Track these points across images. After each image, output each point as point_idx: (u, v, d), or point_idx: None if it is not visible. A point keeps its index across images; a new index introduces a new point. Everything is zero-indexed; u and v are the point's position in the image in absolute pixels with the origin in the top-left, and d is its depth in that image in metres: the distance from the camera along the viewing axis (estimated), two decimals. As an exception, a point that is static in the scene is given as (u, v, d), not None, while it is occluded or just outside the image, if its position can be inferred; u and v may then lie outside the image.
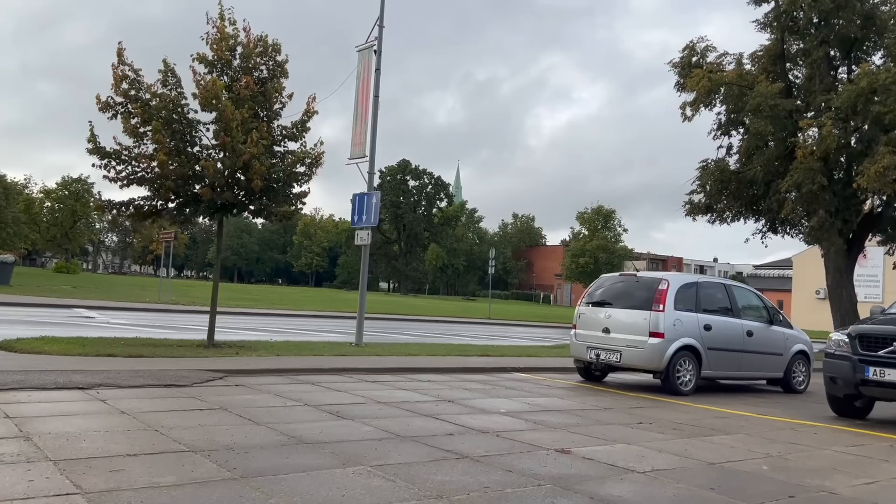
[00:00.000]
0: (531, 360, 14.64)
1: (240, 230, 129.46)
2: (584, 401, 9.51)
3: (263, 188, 13.47)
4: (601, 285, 12.09)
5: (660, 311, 10.78)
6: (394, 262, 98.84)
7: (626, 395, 10.50)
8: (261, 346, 13.97)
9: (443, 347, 16.47)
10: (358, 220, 17.00)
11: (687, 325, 10.99)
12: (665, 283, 11.03)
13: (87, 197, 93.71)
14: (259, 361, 11.00)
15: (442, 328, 30.23)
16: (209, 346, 13.45)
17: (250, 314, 29.55)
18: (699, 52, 28.64)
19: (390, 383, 9.88)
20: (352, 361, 11.84)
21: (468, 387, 10.11)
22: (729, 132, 29.62)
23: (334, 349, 14.29)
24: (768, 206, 27.06)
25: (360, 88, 17.59)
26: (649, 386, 11.85)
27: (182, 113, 13.22)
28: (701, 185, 28.41)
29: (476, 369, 12.36)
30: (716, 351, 11.28)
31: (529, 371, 12.84)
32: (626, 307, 11.27)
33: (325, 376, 10.20)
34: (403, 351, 14.74)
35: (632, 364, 11.04)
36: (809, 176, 23.63)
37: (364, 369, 11.06)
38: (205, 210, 13.49)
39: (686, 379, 10.97)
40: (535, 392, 10.08)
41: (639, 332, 10.88)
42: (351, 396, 8.41)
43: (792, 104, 25.39)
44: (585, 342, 11.62)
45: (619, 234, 69.52)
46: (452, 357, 14.17)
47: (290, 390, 8.60)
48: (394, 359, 12.99)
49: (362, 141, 17.25)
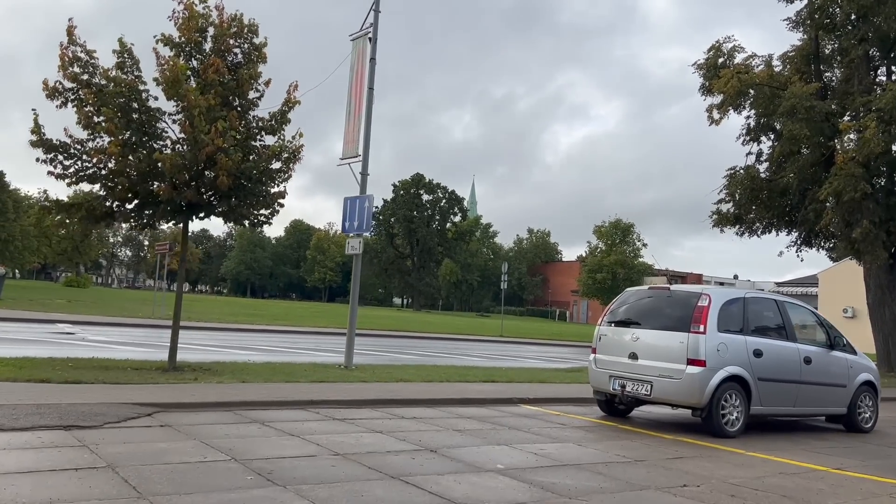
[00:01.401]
0: (542, 387, 12.60)
1: (253, 245, 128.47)
2: (607, 448, 7.47)
3: (233, 187, 11.67)
4: (626, 301, 10.07)
5: (700, 333, 8.75)
6: (407, 278, 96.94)
7: (660, 438, 8.44)
8: (230, 369, 12.10)
9: (442, 371, 14.47)
10: (349, 227, 15.12)
11: (733, 350, 8.94)
12: (705, 298, 9.00)
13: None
14: (210, 391, 9.07)
15: (450, 346, 28.25)
16: (169, 370, 11.61)
17: (245, 330, 27.70)
18: (725, 52, 26.70)
19: (364, 422, 7.91)
20: (326, 391, 9.89)
21: (462, 426, 8.12)
22: (758, 138, 27.58)
23: (315, 373, 12.36)
24: (804, 217, 24.91)
25: (353, 81, 15.78)
26: (686, 423, 9.79)
27: (142, 101, 11.45)
28: (729, 193, 26.37)
29: (475, 401, 10.35)
30: (768, 382, 9.21)
31: (540, 403, 10.80)
32: (657, 328, 9.24)
33: (284, 412, 8.25)
34: (395, 376, 12.76)
35: (665, 398, 8.99)
36: (851, 183, 21.51)
37: (337, 402, 9.10)
38: (166, 212, 11.67)
39: (732, 417, 8.90)
40: (546, 434, 8.06)
41: (674, 358, 8.85)
42: (302, 444, 6.45)
43: (829, 106, 23.30)
44: (608, 370, 9.60)
45: (639, 248, 67.12)
46: (451, 384, 12.17)
47: (225, 434, 6.66)
48: (380, 386, 11.02)
49: (355, 139, 15.41)
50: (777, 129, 26.43)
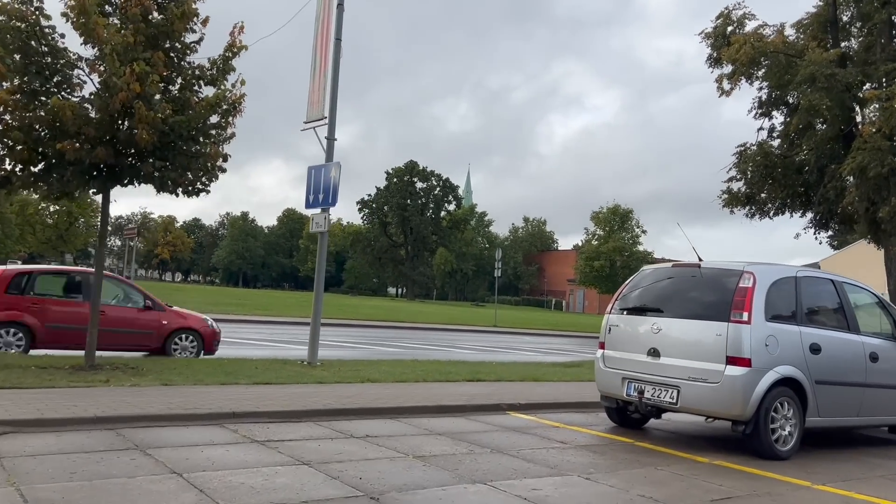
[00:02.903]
0: (537, 388, 10.51)
1: (245, 234, 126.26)
2: (627, 483, 5.37)
3: (160, 146, 9.55)
4: (640, 283, 7.95)
5: (742, 323, 6.65)
6: (400, 267, 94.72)
7: (693, 463, 6.35)
8: (160, 367, 10.03)
9: (422, 368, 12.38)
10: (313, 201, 12.99)
11: (785, 345, 6.85)
12: (749, 276, 6.89)
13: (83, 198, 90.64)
14: (103, 400, 6.95)
15: (441, 337, 26.19)
16: (85, 369, 9.53)
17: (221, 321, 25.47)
18: (735, 20, 24.51)
19: (292, 446, 5.81)
20: (263, 398, 7.77)
21: (428, 449, 6.02)
22: (770, 113, 25.51)
23: (266, 372, 10.26)
24: (823, 196, 22.80)
25: (318, 31, 13.58)
26: (721, 437, 7.72)
27: (44, 37, 9.31)
28: (741, 171, 24.28)
29: (453, 409, 8.24)
30: (827, 386, 7.12)
31: (533, 410, 8.70)
32: (685, 316, 7.14)
33: (188, 430, 6.14)
34: (363, 374, 10.66)
35: (697, 408, 6.90)
36: (877, 157, 19.38)
37: (269, 414, 6.99)
38: (77, 176, 9.52)
39: (785, 433, 6.81)
40: (541, 460, 5.96)
41: (708, 356, 6.76)
42: (178, 489, 4.34)
43: (851, 75, 21.15)
44: (620, 370, 7.49)
45: (638, 235, 64.90)
46: (427, 385, 10.07)
47: (69, 472, 4.55)
48: (337, 390, 8.91)
49: (320, 98, 13.22)
50: (790, 103, 24.41)
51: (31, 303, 11.61)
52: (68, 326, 11.61)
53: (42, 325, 11.59)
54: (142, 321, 12.36)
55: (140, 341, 12.41)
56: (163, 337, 12.54)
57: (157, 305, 12.69)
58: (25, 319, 11.48)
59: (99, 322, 10.17)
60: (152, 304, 12.60)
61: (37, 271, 12.82)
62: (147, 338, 12.43)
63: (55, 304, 11.91)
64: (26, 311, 11.53)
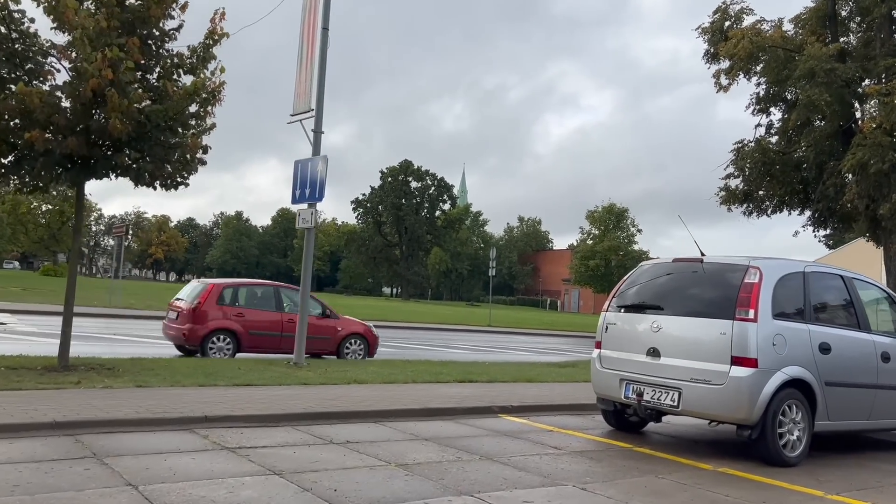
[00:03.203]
0: (530, 389, 10.09)
1: (239, 233, 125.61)
2: (626, 495, 4.95)
3: (136, 136, 9.11)
4: (639, 279, 7.53)
5: (748, 321, 6.24)
6: (395, 267, 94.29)
7: (696, 470, 5.93)
8: (138, 368, 9.64)
9: (412, 368, 11.95)
10: (300, 196, 12.56)
11: (793, 344, 6.45)
12: (755, 272, 6.48)
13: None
14: (68, 403, 6.50)
15: (435, 337, 25.79)
16: (58, 370, 9.09)
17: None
18: (733, 15, 24.22)
19: (265, 453, 5.38)
20: (240, 401, 7.34)
21: (412, 457, 5.60)
22: (768, 109, 25.18)
23: (249, 373, 9.84)
24: (822, 193, 22.45)
25: (305, 20, 13.15)
26: (725, 441, 7.32)
27: (14, 24, 8.88)
28: (738, 168, 23.92)
29: (442, 412, 7.81)
30: (837, 388, 6.72)
31: (526, 413, 8.27)
32: (686, 313, 6.73)
33: (156, 436, 5.71)
34: (350, 375, 10.23)
35: (700, 411, 6.49)
36: (878, 153, 19.04)
37: (246, 418, 6.56)
38: (47, 167, 9.06)
39: (793, 438, 6.41)
40: (533, 468, 5.54)
41: (712, 355, 6.35)
42: (130, 504, 3.92)
43: (851, 70, 20.81)
44: (618, 371, 7.08)
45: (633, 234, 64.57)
46: (416, 386, 9.65)
47: (11, 485, 4.12)
48: (321, 392, 8.49)
49: (307, 90, 12.79)
50: (788, 100, 24.09)
51: (237, 313, 13.18)
52: (265, 333, 13.26)
53: (246, 331, 13.06)
54: (322, 328, 13.72)
55: (320, 346, 13.77)
56: (337, 341, 14.06)
57: (333, 314, 14.33)
58: (233, 327, 12.98)
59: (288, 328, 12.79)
60: (329, 312, 14.24)
61: (239, 284, 14.62)
62: (325, 342, 13.88)
63: (254, 313, 13.41)
64: (233, 320, 13.06)
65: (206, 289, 13.21)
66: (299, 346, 11.89)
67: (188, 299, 13.19)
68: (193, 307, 12.84)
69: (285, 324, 13.25)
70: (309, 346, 12.62)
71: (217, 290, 13.21)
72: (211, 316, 12.84)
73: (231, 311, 13.15)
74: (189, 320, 12.74)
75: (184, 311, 12.95)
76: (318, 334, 13.48)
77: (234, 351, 12.93)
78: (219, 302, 13.05)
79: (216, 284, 13.54)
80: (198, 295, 13.10)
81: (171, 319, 13.48)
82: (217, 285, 13.47)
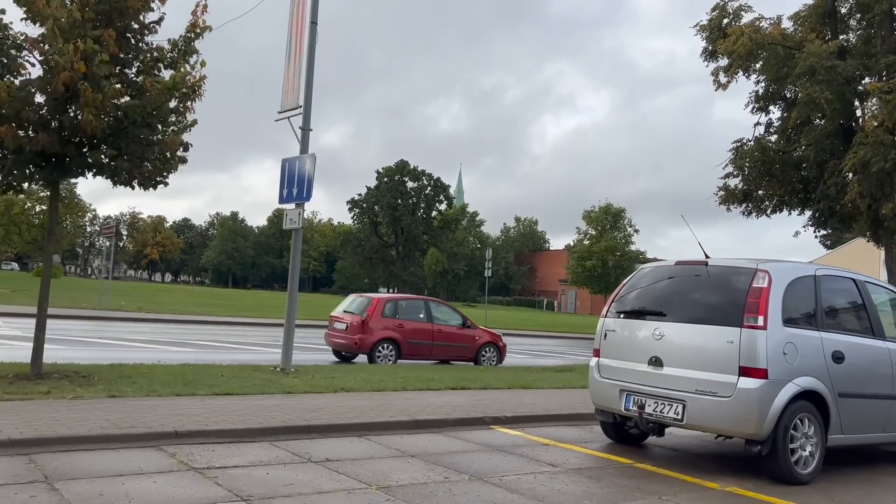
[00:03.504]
0: (526, 396, 9.66)
1: (234, 234, 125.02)
2: (626, 519, 4.54)
3: (112, 133, 8.68)
4: (639, 283, 7.10)
5: (757, 328, 5.83)
6: (391, 267, 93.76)
7: (704, 490, 5.51)
8: (116, 375, 9.25)
9: (403, 374, 11.51)
10: (287, 196, 12.11)
11: (805, 352, 6.04)
12: (763, 275, 6.07)
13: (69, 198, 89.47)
14: (28, 418, 6.06)
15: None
16: (31, 377, 8.67)
17: (201, 323, 24.61)
18: (731, 12, 23.86)
19: (234, 474, 4.94)
20: (214, 413, 6.90)
21: (396, 477, 5.17)
22: (767, 108, 24.83)
23: (232, 380, 9.41)
24: (823, 192, 22.08)
25: (294, 15, 12.71)
26: (731, 456, 6.91)
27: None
28: (737, 167, 23.55)
29: (431, 423, 7.38)
30: (851, 399, 6.31)
31: (521, 424, 7.85)
32: (691, 320, 6.31)
33: (114, 455, 5.26)
34: (338, 383, 9.79)
35: (706, 425, 6.07)
36: (880, 151, 18.70)
37: (219, 433, 6.12)
38: (17, 165, 8.62)
39: (805, 453, 6.00)
40: (527, 490, 5.11)
41: (718, 365, 5.94)
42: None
43: (852, 67, 20.45)
44: (617, 381, 6.66)
45: (630, 234, 64.18)
46: (406, 394, 9.22)
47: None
48: (305, 401, 8.05)
49: (295, 86, 12.36)
50: (787, 98, 23.75)
51: (397, 324, 14.76)
52: (420, 342, 14.93)
53: (405, 340, 14.67)
54: (463, 337, 15.52)
55: (462, 353, 15.41)
56: (476, 349, 15.55)
57: (472, 325, 15.94)
58: (395, 336, 14.61)
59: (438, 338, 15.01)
60: (469, 323, 15.87)
61: (397, 299, 16.72)
62: (466, 350, 15.44)
63: (410, 324, 14.99)
64: (395, 331, 14.66)
65: (371, 303, 14.89)
66: (285, 350, 11.46)
67: (356, 312, 14.88)
68: (363, 319, 14.48)
69: (435, 333, 15.15)
70: (452, 354, 15.23)
71: (381, 303, 14.88)
72: (378, 327, 14.47)
73: (392, 322, 14.72)
74: (360, 331, 14.39)
75: (354, 323, 14.58)
76: (461, 342, 15.37)
77: (396, 358, 14.52)
78: (383, 315, 14.66)
79: (380, 299, 15.22)
80: (365, 308, 14.78)
81: (338, 330, 15.01)
82: (381, 300, 15.19)
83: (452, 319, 15.76)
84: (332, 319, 15.53)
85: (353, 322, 14.57)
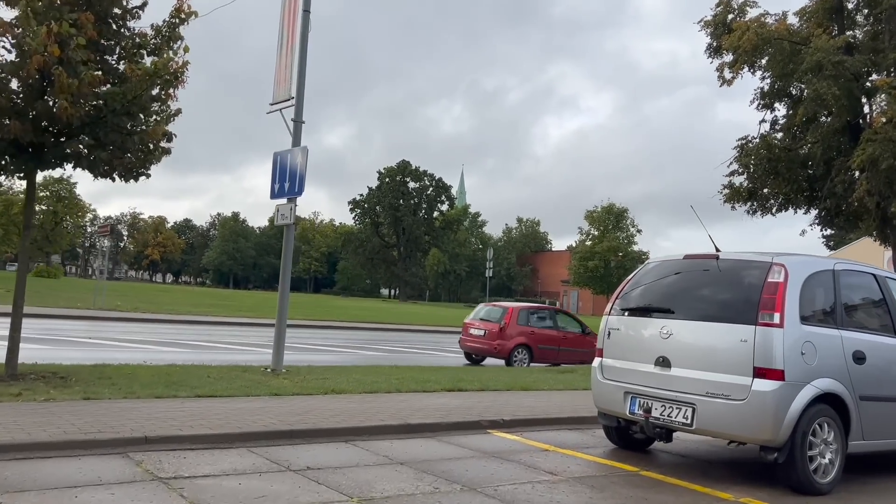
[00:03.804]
0: (525, 398, 9.23)
1: (235, 234, 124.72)
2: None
3: (90, 121, 8.27)
4: (644, 278, 6.67)
5: (773, 326, 5.40)
6: (393, 268, 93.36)
7: (715, 500, 5.07)
8: (97, 375, 8.84)
9: (398, 375, 11.09)
10: (279, 190, 11.71)
11: (824, 353, 5.60)
12: (779, 269, 5.63)
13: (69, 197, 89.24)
14: None
15: (429, 340, 24.96)
16: (5, 378, 8.28)
17: (195, 323, 24.22)
18: (736, 7, 23.35)
19: (203, 484, 4.51)
20: (191, 416, 6.47)
21: (381, 487, 4.74)
22: (773, 105, 24.36)
23: (218, 381, 8.98)
24: (831, 190, 21.61)
25: (286, 4, 12.31)
26: (743, 462, 6.47)
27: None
28: (742, 164, 23.08)
29: (423, 428, 6.96)
30: (873, 402, 5.88)
31: (519, 428, 7.42)
32: (701, 317, 5.87)
33: (74, 463, 4.83)
34: (329, 384, 9.37)
35: (718, 430, 5.63)
36: (889, 148, 18.22)
37: (193, 438, 5.69)
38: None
39: (825, 461, 5.56)
40: (523, 502, 4.68)
41: (730, 366, 5.50)
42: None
43: (860, 62, 19.99)
44: (622, 382, 6.23)
45: (633, 234, 63.69)
46: (400, 396, 8.79)
47: None
48: (292, 404, 7.63)
49: (287, 77, 11.95)
50: (793, 95, 23.27)
51: (530, 331, 16.15)
52: (549, 347, 16.32)
53: (536, 346, 16.04)
54: (584, 342, 16.47)
55: (582, 357, 16.02)
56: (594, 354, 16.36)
57: (592, 332, 16.43)
58: (529, 342, 15.96)
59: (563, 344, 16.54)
60: (588, 331, 16.74)
61: (529, 308, 17.48)
62: (585, 355, 15.65)
63: (540, 331, 16.39)
64: (528, 337, 16.00)
65: (507, 311, 16.21)
66: (276, 350, 11.06)
67: (493, 320, 16.20)
68: (501, 326, 15.85)
69: (561, 340, 16.58)
70: (576, 359, 16.18)
71: (516, 312, 16.21)
72: (514, 333, 15.83)
73: (526, 329, 16.07)
74: (499, 337, 15.75)
75: (493, 330, 15.94)
76: (582, 347, 16.32)
77: (529, 362, 15.82)
78: (517, 322, 15.94)
79: (514, 308, 16.47)
80: (502, 316, 16.08)
81: (476, 336, 16.30)
82: (515, 308, 16.45)
83: (574, 327, 17.12)
84: (466, 326, 16.90)
85: (492, 329, 15.92)
